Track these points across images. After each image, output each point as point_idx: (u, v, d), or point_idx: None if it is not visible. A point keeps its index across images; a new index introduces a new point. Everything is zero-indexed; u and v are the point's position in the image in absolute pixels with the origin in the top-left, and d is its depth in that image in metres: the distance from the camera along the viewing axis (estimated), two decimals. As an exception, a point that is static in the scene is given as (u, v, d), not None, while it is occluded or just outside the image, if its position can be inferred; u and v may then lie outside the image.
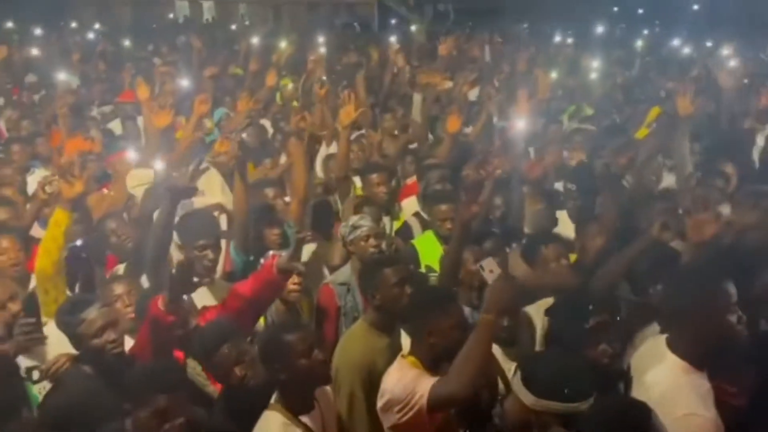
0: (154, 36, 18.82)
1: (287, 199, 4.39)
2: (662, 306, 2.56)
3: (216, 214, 4.13)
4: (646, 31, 14.66)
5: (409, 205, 4.82)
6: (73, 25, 18.65)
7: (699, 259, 2.58)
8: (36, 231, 4.16)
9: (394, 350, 2.93)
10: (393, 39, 13.32)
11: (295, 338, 2.61)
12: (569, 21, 26.60)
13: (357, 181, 4.92)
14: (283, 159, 5.34)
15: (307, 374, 2.60)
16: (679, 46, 13.42)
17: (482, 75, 8.78)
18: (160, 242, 3.21)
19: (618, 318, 2.64)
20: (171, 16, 27.07)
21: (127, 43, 14.79)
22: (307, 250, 3.89)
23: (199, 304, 3.27)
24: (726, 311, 2.25)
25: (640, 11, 30.28)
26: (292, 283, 3.40)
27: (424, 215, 4.54)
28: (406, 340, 3.01)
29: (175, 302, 2.67)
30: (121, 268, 3.59)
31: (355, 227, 3.68)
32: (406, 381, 2.54)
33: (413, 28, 21.46)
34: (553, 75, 8.19)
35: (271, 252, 3.44)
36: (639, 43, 13.54)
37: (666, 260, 2.82)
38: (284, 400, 2.62)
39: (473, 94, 7.90)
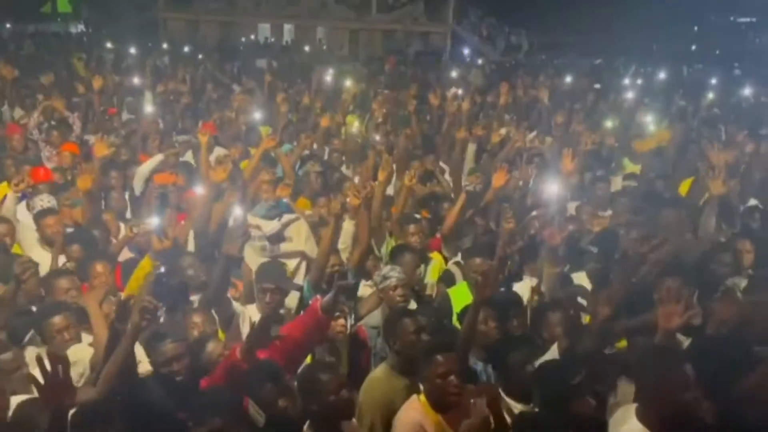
0: (238, 55, 19.93)
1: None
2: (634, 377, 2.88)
3: (297, 260, 4.65)
4: (714, 80, 13.92)
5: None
6: (164, 45, 19.91)
7: (668, 343, 2.87)
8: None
9: (412, 391, 3.34)
10: (455, 75, 13.66)
11: (327, 377, 3.08)
12: (644, 57, 26.48)
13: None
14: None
15: (335, 409, 3.06)
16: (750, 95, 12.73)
17: (539, 121, 8.82)
18: (217, 288, 3.82)
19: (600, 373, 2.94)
20: (253, 37, 28.40)
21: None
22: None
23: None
24: (683, 391, 2.55)
25: (717, 52, 29.66)
26: (339, 325, 3.82)
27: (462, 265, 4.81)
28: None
29: (251, 353, 3.18)
30: (195, 300, 4.12)
31: (385, 277, 4.08)
32: (407, 418, 2.99)
33: (480, 62, 21.68)
34: (609, 124, 8.31)
35: (317, 294, 3.88)
36: (708, 93, 12.52)
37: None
38: (315, 429, 3.08)
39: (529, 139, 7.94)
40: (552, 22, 31.41)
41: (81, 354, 3.48)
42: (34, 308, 3.98)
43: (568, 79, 13.70)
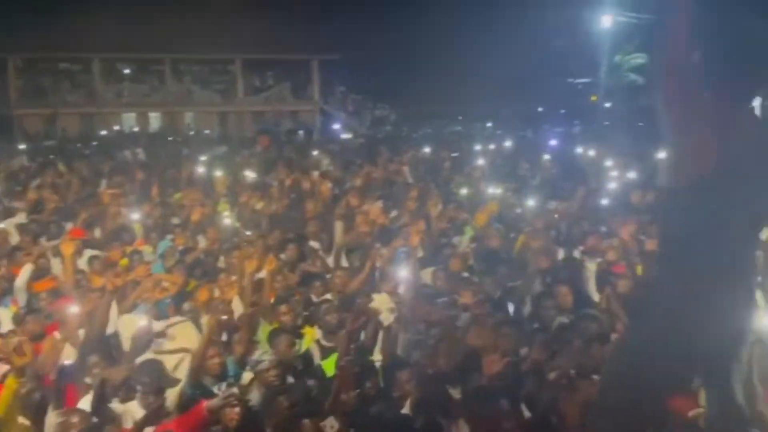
0: (101, 149, 19.39)
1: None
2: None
3: (180, 356, 4.73)
4: (554, 141, 15.43)
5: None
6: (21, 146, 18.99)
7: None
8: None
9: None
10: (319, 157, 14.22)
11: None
12: (498, 122, 28.90)
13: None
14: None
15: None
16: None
17: (396, 198, 8.95)
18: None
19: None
20: (117, 128, 27.86)
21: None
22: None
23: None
24: (502, 420, 3.06)
25: (563, 111, 33.04)
26: (234, 413, 3.94)
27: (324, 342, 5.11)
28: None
29: None
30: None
31: (258, 361, 4.32)
32: None
33: (348, 135, 22.73)
34: (463, 192, 9.01)
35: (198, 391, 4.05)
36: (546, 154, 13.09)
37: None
38: None
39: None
40: (412, 94, 33.60)
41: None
42: None
43: (428, 150, 14.72)
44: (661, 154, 7.55)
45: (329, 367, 4.65)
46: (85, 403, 3.87)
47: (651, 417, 2.39)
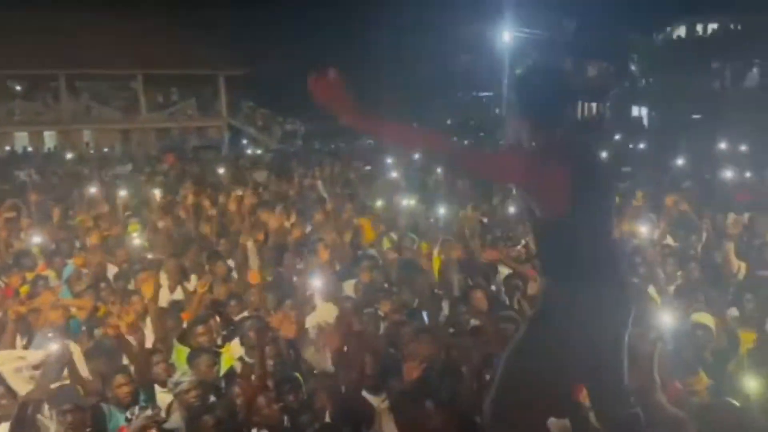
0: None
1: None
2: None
3: None
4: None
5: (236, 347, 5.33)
6: None
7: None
8: None
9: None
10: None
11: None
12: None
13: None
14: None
15: None
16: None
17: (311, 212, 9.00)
18: None
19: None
20: (8, 148, 26.27)
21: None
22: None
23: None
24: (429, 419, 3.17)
25: (471, 123, 34.28)
26: None
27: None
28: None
29: None
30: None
31: (177, 383, 4.22)
32: None
33: (258, 151, 22.49)
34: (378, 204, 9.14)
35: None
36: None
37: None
38: None
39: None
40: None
41: None
42: None
43: (340, 164, 14.87)
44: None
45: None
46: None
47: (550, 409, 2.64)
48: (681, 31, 38.18)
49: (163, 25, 28.36)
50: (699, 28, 37.88)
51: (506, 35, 29.54)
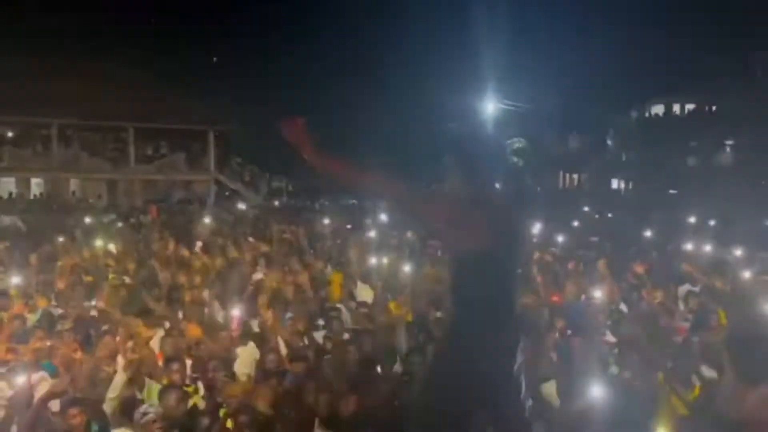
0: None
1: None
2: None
3: None
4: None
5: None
6: None
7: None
8: None
9: None
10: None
11: None
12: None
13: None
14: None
15: None
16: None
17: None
18: None
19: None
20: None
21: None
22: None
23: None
24: None
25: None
26: None
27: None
28: None
29: None
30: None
31: (144, 413, 4.39)
32: None
33: (243, 206, 22.83)
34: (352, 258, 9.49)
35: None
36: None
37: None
38: None
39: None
40: (309, 167, 34.24)
41: None
42: None
43: (326, 221, 15.23)
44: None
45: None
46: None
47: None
48: (659, 109, 39.78)
49: (156, 80, 29.11)
50: (676, 107, 39.55)
51: (491, 106, 30.64)
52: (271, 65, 39.27)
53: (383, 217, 16.53)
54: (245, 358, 5.56)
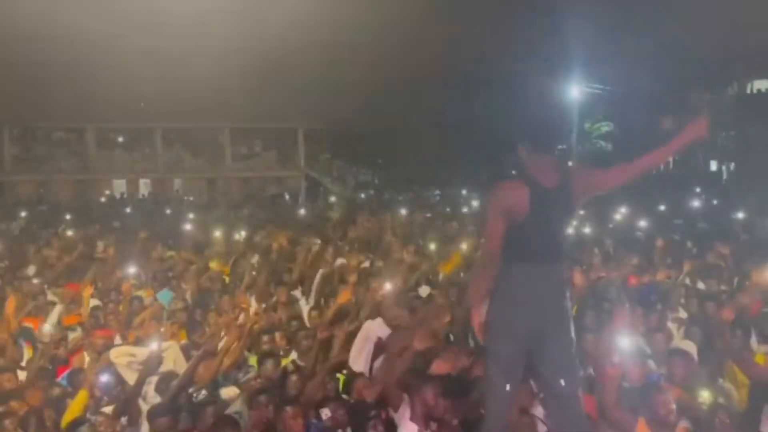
0: (93, 215, 20.08)
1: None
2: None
3: None
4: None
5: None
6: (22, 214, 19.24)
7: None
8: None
9: None
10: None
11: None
12: (477, 186, 30.06)
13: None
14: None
15: None
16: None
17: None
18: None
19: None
20: (108, 192, 28.74)
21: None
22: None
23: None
24: None
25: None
26: None
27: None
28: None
29: None
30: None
31: (245, 377, 5.08)
32: None
33: (333, 198, 23.75)
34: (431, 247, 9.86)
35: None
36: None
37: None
38: None
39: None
40: (394, 160, 34.97)
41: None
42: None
43: (406, 212, 15.74)
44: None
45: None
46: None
47: None
48: (762, 85, 37.42)
49: (250, 83, 30.58)
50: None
51: (575, 90, 30.02)
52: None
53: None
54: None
